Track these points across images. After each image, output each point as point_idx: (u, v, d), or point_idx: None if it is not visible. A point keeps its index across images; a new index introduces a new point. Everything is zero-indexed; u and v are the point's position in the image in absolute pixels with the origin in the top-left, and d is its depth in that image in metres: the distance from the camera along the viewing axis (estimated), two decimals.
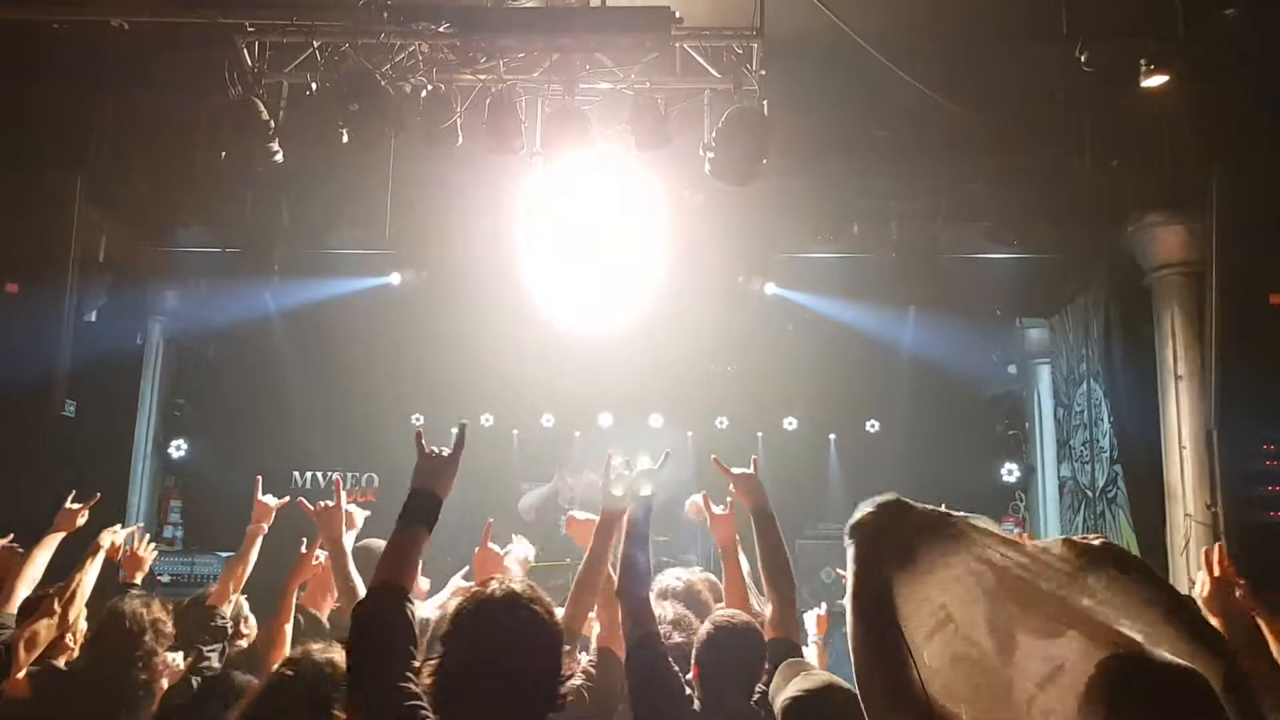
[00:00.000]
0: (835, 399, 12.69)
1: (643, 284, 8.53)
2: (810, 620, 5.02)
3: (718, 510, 4.52)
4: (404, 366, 12.02)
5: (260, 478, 4.91)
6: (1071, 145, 8.38)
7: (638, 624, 3.44)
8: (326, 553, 4.47)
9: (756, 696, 3.56)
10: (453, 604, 3.14)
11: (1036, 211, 9.31)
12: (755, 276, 10.38)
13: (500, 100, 6.88)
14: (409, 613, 2.80)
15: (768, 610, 3.90)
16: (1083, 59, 6.99)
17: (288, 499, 4.83)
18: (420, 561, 3.20)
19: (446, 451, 3.14)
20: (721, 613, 3.92)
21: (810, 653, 4.54)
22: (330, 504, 4.30)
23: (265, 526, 4.80)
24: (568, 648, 3.99)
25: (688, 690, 3.54)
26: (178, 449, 12.26)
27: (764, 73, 6.91)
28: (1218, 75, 7.49)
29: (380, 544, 3.97)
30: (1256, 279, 7.95)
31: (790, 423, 13.10)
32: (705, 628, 3.72)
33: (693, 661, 3.64)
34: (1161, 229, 8.87)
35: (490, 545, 4.81)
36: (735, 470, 4.15)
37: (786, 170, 7.69)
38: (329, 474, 11.98)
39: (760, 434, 13.44)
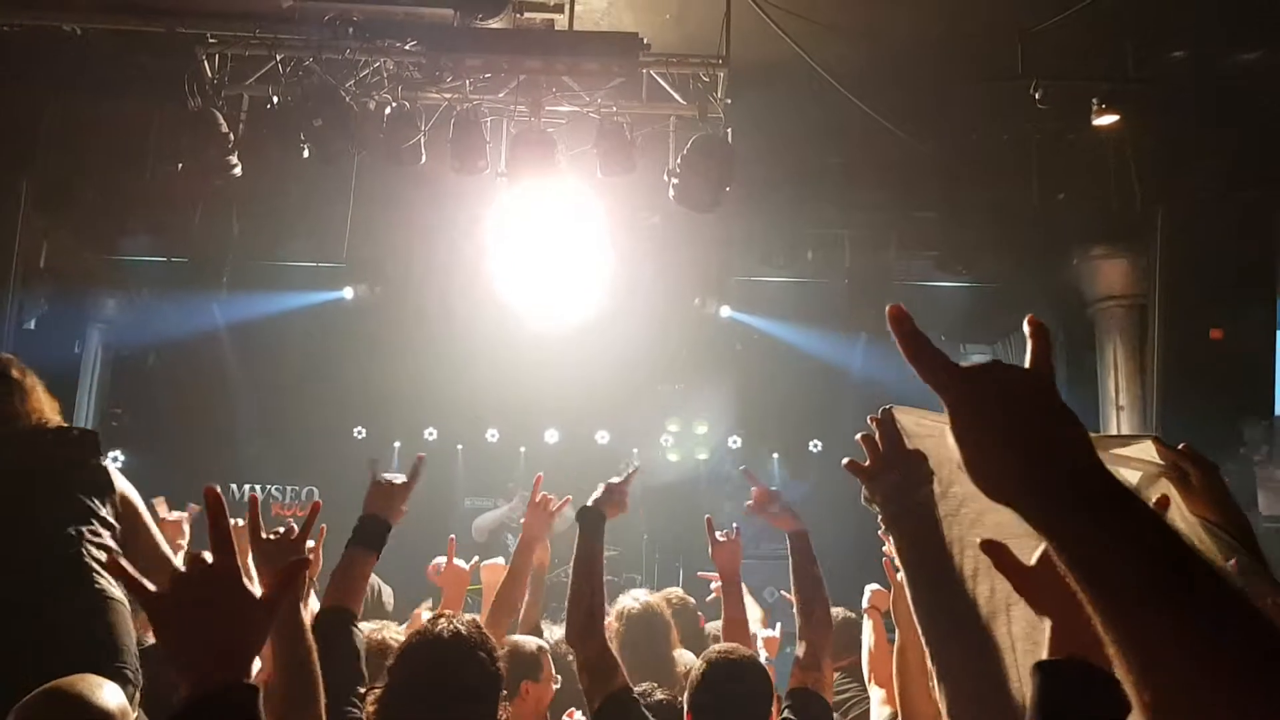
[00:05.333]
0: (780, 418, 12.75)
1: (596, 303, 8.55)
2: (760, 640, 4.68)
3: (719, 536, 4.13)
4: (348, 380, 11.82)
5: (162, 498, 4.47)
6: (1020, 178, 8.56)
7: (597, 679, 2.94)
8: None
9: None
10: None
11: (984, 242, 9.49)
12: (710, 299, 10.44)
13: (465, 120, 6.86)
14: (355, 636, 2.93)
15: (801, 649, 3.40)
16: (1037, 96, 7.18)
17: (196, 508, 4.43)
18: (367, 584, 3.26)
19: (400, 479, 3.22)
20: (718, 646, 3.38)
21: None
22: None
23: (183, 543, 4.32)
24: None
25: None
26: (114, 460, 11.92)
27: (729, 101, 6.97)
28: (1165, 114, 7.72)
29: None
30: (1197, 313, 8.17)
31: (735, 441, 13.17)
32: (698, 666, 3.14)
33: (685, 708, 3.07)
34: (1105, 262, 9.11)
35: (456, 561, 4.71)
36: (769, 488, 3.69)
37: (743, 195, 7.74)
38: (267, 487, 11.79)
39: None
